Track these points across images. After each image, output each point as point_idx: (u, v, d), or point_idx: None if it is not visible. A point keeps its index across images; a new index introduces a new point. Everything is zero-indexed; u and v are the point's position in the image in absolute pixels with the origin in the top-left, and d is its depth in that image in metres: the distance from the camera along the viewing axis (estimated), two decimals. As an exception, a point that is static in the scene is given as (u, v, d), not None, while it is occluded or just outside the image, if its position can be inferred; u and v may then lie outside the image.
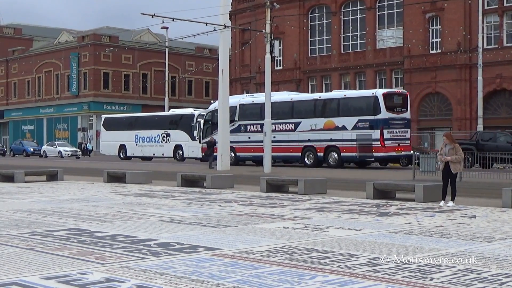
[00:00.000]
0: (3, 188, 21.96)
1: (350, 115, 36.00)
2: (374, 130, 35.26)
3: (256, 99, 41.60)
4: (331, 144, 36.91)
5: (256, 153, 39.78)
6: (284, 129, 38.83)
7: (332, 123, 36.88)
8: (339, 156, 36.74)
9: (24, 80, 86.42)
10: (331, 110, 37.45)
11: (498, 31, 50.02)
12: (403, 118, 36.54)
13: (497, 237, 10.72)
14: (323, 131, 37.21)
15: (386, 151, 35.49)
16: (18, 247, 9.57)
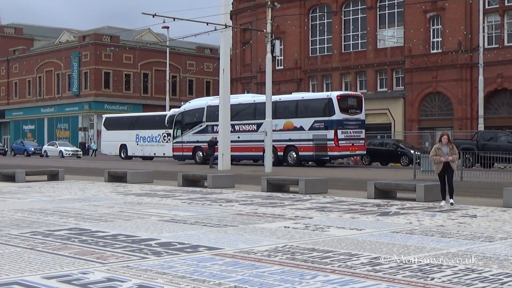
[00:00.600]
0: (4, 188, 21.97)
1: (307, 116, 37.38)
2: (328, 130, 36.74)
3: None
4: (290, 144, 38.37)
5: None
6: (247, 130, 40.35)
7: (291, 124, 38.40)
8: (297, 155, 38.17)
9: (25, 80, 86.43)
10: (290, 112, 38.84)
11: (499, 31, 49.98)
12: (358, 119, 37.88)
13: (498, 237, 10.72)
14: (282, 132, 38.42)
15: (340, 151, 37.07)
16: (19, 246, 9.58)
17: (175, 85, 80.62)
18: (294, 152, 38.42)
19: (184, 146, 44.21)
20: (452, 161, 15.89)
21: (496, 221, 12.92)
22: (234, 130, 40.30)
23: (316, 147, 37.05)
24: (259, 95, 45.50)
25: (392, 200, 17.48)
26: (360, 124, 38.19)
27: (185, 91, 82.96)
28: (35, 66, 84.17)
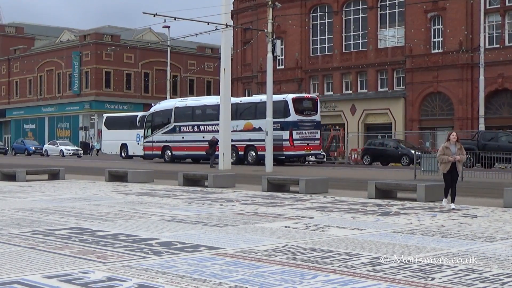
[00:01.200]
0: (5, 187, 21.98)
1: (265, 118, 37.26)
2: (284, 131, 38.28)
3: (189, 102, 45.51)
4: (249, 143, 40.00)
5: (190, 151, 43.53)
6: (211, 130, 41.38)
7: (250, 124, 40.02)
8: (257, 154, 39.59)
9: (26, 79, 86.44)
10: (250, 113, 40.54)
11: (500, 31, 49.96)
12: (313, 121, 39.44)
13: (499, 237, 10.72)
14: (243, 132, 40.18)
15: (296, 150, 38.76)
16: (20, 246, 9.58)
17: (176, 85, 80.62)
18: (253, 151, 39.97)
19: (154, 146, 45.90)
20: (460, 161, 15.43)
21: (497, 221, 12.92)
22: (198, 131, 42.79)
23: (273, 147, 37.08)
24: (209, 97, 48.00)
25: (393, 200, 17.48)
26: (315, 125, 39.74)
27: (186, 90, 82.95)
28: (36, 65, 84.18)
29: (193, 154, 43.44)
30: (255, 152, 39.59)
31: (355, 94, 58.51)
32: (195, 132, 42.96)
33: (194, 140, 42.45)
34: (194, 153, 42.95)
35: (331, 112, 59.74)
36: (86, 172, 32.21)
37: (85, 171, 32.69)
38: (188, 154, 44.01)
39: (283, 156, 38.86)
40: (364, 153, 46.47)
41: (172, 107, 45.26)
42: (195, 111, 43.60)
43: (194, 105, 44.15)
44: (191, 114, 43.74)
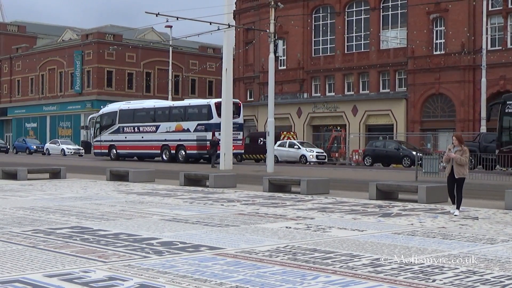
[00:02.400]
0: (6, 186, 21.99)
1: (192, 120, 43.13)
2: (208, 132, 41.77)
3: (132, 105, 49.50)
4: (180, 143, 43.92)
5: (132, 150, 47.70)
6: (148, 131, 46.14)
7: (180, 126, 44.09)
8: (186, 153, 43.66)
9: (28, 78, 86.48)
10: (180, 116, 44.63)
11: (502, 33, 49.96)
12: (235, 123, 41.67)
13: (500, 239, 10.72)
14: (174, 133, 44.31)
15: (218, 149, 40.15)
16: (21, 244, 9.58)
17: (178, 84, 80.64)
18: (183, 150, 43.92)
19: (102, 145, 49.98)
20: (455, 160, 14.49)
21: (498, 223, 12.91)
22: (139, 131, 46.94)
23: (198, 146, 42.54)
24: (161, 101, 51.72)
25: (394, 201, 17.47)
26: (238, 127, 43.03)
27: (187, 90, 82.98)
28: (38, 64, 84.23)
29: (134, 153, 47.66)
30: (185, 151, 43.61)
31: (357, 95, 58.51)
32: (135, 132, 47.19)
33: (135, 140, 46.93)
34: (135, 152, 47.39)
35: (333, 113, 59.77)
36: (87, 171, 32.21)
37: (86, 170, 32.69)
38: (131, 152, 48.01)
39: (207, 155, 42.45)
40: (365, 154, 46.49)
41: (117, 110, 49.34)
42: (136, 113, 47.78)
43: (135, 108, 48.34)
44: (132, 116, 47.82)
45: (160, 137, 45.13)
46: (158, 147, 45.02)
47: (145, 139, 45.98)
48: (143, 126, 46.59)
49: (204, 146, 42.05)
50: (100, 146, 50.27)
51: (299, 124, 61.75)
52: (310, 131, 61.84)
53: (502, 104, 33.21)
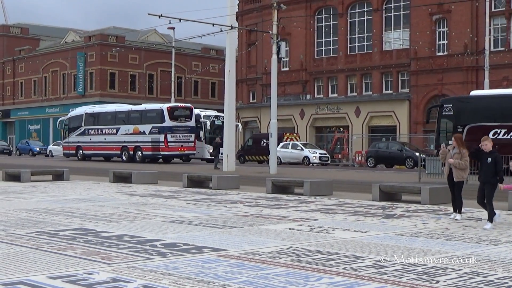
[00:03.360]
0: (10, 188, 22.02)
1: (148, 123, 45.60)
2: (161, 134, 44.58)
3: (96, 109, 52.00)
4: (137, 145, 46.36)
5: (96, 151, 50.20)
6: (110, 133, 48.69)
7: (137, 129, 46.48)
8: (142, 153, 46.17)
9: (31, 80, 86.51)
10: (138, 119, 47.08)
11: (505, 34, 49.90)
12: (187, 126, 45.46)
13: (503, 240, 10.71)
14: (132, 135, 46.75)
15: (170, 151, 44.82)
16: (25, 246, 9.60)
17: (181, 86, 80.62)
18: (140, 151, 46.33)
19: (70, 146, 52.37)
20: (453, 165, 13.90)
21: (502, 224, 12.91)
22: (102, 133, 49.52)
23: (153, 147, 45.08)
24: (123, 105, 54.64)
25: (397, 203, 17.47)
26: (190, 129, 45.74)
27: (190, 92, 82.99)
28: (40, 66, 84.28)
29: (98, 153, 50.18)
30: (141, 152, 46.20)
31: (360, 96, 58.47)
32: (99, 134, 49.90)
33: (99, 141, 49.53)
34: (99, 152, 49.98)
35: (336, 114, 59.74)
36: (91, 173, 32.24)
37: (90, 172, 32.72)
38: (95, 153, 50.51)
39: (160, 155, 45.49)
40: (368, 155, 46.44)
41: (83, 113, 51.88)
42: (99, 117, 50.45)
43: (99, 111, 51.04)
44: (97, 120, 50.51)
45: (120, 139, 47.75)
46: (118, 148, 47.74)
47: (107, 141, 48.86)
48: (106, 129, 49.41)
49: (157, 147, 44.84)
50: (69, 147, 52.89)
51: (302, 126, 61.73)
52: (313, 133, 61.82)
53: (440, 107, 34.71)
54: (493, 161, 12.77)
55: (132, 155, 46.74)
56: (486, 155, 12.95)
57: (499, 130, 31.21)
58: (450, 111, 34.08)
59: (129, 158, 46.85)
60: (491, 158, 12.80)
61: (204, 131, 48.16)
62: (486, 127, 31.45)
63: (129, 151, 46.96)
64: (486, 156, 12.95)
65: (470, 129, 32.08)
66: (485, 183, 12.88)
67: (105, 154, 49.76)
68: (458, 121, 33.11)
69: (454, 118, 33.24)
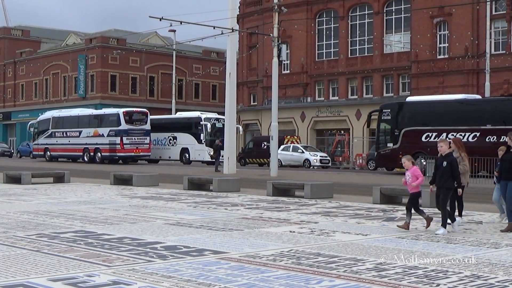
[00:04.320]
0: (10, 190, 22.03)
1: (106, 126, 49.63)
2: (117, 137, 48.54)
3: (61, 113, 56.08)
4: (97, 146, 50.14)
5: (62, 152, 54.13)
6: (73, 135, 52.74)
7: (97, 132, 50.48)
8: (101, 155, 50.00)
9: (32, 82, 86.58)
10: (98, 123, 51.11)
11: (506, 37, 49.91)
12: (142, 129, 49.40)
13: (504, 243, 10.71)
14: (93, 137, 50.71)
15: (126, 152, 48.78)
16: (25, 248, 9.60)
17: (181, 89, 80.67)
18: (99, 153, 50.09)
19: (39, 147, 56.33)
20: None
21: (502, 227, 12.89)
22: (66, 136, 53.41)
23: (110, 149, 48.86)
24: (88, 109, 57.94)
25: (398, 206, 17.46)
26: (145, 132, 49.52)
27: (191, 94, 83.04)
28: (41, 68, 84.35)
29: (64, 155, 54.17)
30: (100, 153, 49.97)
31: (361, 99, 58.49)
32: (64, 137, 53.73)
33: (64, 143, 53.40)
34: (64, 154, 53.92)
35: (336, 117, 59.77)
36: (91, 175, 32.25)
37: (90, 175, 32.73)
38: (61, 154, 54.36)
39: (116, 156, 49.27)
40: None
41: (50, 117, 55.83)
42: (64, 120, 54.32)
43: (64, 115, 55.10)
44: (62, 123, 54.41)
45: (82, 141, 51.56)
46: (81, 150, 51.55)
47: (71, 143, 52.77)
48: (70, 132, 53.27)
49: (114, 149, 48.75)
50: (38, 148, 56.85)
51: (302, 128, 61.75)
52: (313, 135, 61.84)
53: (380, 112, 37.22)
54: (448, 165, 12.02)
55: (93, 156, 50.68)
56: (441, 159, 12.22)
57: (430, 134, 33.83)
58: (388, 116, 36.63)
59: (90, 159, 50.86)
60: (447, 161, 12.03)
61: (204, 133, 48.24)
62: (420, 131, 34.53)
63: (90, 153, 50.87)
64: (441, 159, 12.23)
65: (406, 132, 35.05)
66: (441, 187, 12.08)
67: (69, 155, 53.86)
68: (395, 125, 35.73)
69: (392, 122, 35.61)
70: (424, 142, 34.07)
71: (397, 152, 33.71)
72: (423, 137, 34.21)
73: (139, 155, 50.16)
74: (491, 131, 31.91)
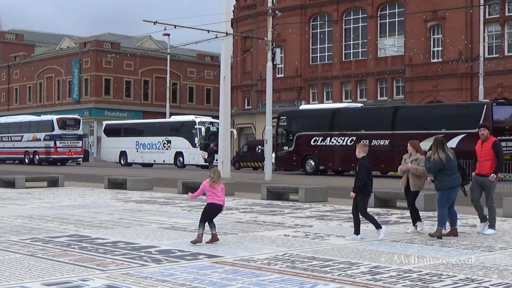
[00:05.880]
0: (4, 194, 21.98)
1: (42, 131, 54.97)
2: (51, 141, 54.17)
3: (8, 119, 62.17)
4: (35, 149, 55.53)
5: (7, 155, 59.15)
6: (16, 140, 57.93)
7: (35, 136, 55.81)
8: (39, 157, 55.09)
9: (26, 86, 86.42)
10: (36, 128, 56.29)
11: (500, 41, 50.03)
12: (75, 134, 55.38)
13: (498, 247, 10.73)
14: (32, 141, 56.09)
15: (59, 154, 54.18)
16: (19, 253, 9.58)
17: (176, 92, 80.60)
18: (37, 155, 55.19)
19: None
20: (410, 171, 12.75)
21: (496, 230, 12.92)
22: (11, 140, 58.64)
23: (46, 152, 54.26)
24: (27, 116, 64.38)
25: (392, 209, 17.50)
26: (78, 137, 55.75)
27: (185, 98, 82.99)
28: (35, 72, 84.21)
29: (9, 157, 59.32)
30: (38, 156, 55.13)
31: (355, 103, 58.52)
32: (9, 141, 58.73)
33: (8, 147, 58.69)
34: (9, 156, 59.24)
35: (331, 121, 59.73)
36: (85, 179, 32.19)
37: (84, 179, 32.67)
38: (6, 157, 59.41)
39: (51, 158, 54.37)
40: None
41: None
42: (9, 126, 59.71)
43: (9, 121, 61.04)
44: (7, 128, 59.75)
45: (23, 145, 56.81)
46: (22, 153, 56.93)
47: (15, 146, 58.04)
48: (14, 136, 58.51)
49: (49, 152, 54.14)
50: None
51: (297, 132, 61.70)
52: (308, 139, 61.78)
53: (278, 118, 41.13)
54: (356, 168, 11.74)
55: (32, 158, 55.95)
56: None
57: (317, 138, 38.05)
58: (284, 122, 40.57)
59: (29, 161, 55.99)
60: (357, 165, 11.71)
61: (199, 137, 48.17)
62: (309, 135, 38.68)
63: (30, 155, 56.20)
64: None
65: (298, 137, 39.20)
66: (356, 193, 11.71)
67: (14, 158, 59.27)
68: (290, 130, 39.51)
69: (287, 127, 39.06)
70: (313, 146, 38.48)
71: (291, 155, 39.10)
72: (312, 141, 38.41)
73: (72, 157, 56.02)
74: (365, 136, 35.37)
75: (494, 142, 12.43)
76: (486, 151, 12.40)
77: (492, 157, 12.35)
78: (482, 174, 12.44)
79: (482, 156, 12.46)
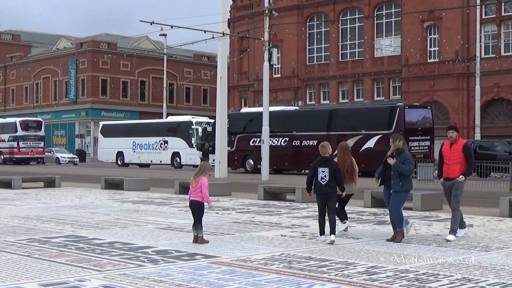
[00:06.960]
0: (1, 195, 21.94)
1: (7, 133, 58.18)
2: (15, 141, 57.47)
3: None
4: (0, 150, 58.40)
5: None
6: None
7: (1, 137, 58.50)
8: (3, 157, 58.10)
9: (22, 87, 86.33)
10: (1, 129, 59.08)
11: (496, 41, 50.11)
12: (37, 135, 58.59)
13: (495, 246, 10.74)
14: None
15: (22, 154, 57.38)
16: (16, 253, 9.57)
17: (173, 93, 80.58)
18: (2, 155, 58.45)
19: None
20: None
21: (493, 230, 12.94)
22: None
23: (10, 152, 57.62)
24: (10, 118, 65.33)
25: (389, 209, 17.46)
26: (39, 138, 58.84)
27: (182, 98, 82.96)
28: (32, 72, 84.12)
29: None
30: (3, 155, 58.24)
31: (352, 103, 58.54)
32: None
33: None
34: None
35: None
36: (82, 180, 32.15)
37: (81, 179, 32.62)
38: None
39: (14, 158, 57.41)
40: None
41: None
42: None
43: None
44: None
45: None
46: None
47: None
48: None
49: (13, 152, 57.56)
50: None
51: (294, 132, 61.73)
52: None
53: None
54: None
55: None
56: None
57: (255, 139, 39.36)
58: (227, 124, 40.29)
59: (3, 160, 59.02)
60: None
61: (196, 138, 48.13)
62: (248, 137, 40.81)
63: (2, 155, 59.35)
64: None
65: (239, 137, 41.06)
66: None
67: None
68: (233, 131, 40.19)
69: (229, 129, 38.96)
70: (252, 146, 40.38)
71: (233, 154, 40.61)
72: (251, 142, 40.36)
73: (34, 157, 58.94)
74: (297, 137, 37.96)
75: (465, 145, 11.73)
76: (455, 154, 11.64)
77: (461, 160, 11.59)
78: (450, 178, 11.62)
79: (451, 159, 11.60)
